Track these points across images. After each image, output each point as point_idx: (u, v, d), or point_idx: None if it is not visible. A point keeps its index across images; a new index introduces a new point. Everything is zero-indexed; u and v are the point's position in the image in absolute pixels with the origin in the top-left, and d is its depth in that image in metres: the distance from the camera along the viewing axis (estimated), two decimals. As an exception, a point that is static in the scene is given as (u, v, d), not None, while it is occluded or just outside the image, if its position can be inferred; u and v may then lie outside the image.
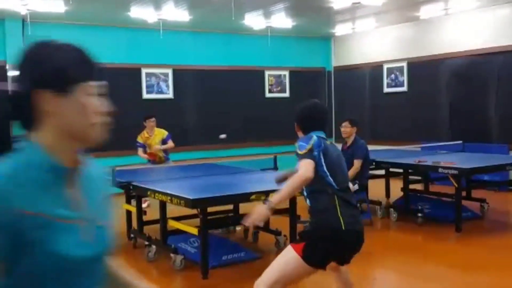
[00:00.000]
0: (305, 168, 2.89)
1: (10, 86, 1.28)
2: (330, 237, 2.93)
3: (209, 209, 4.87)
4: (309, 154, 2.97)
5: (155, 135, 8.07)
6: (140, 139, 8.08)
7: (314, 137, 3.08)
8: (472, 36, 9.20)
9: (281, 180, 3.54)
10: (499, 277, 4.66)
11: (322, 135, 3.21)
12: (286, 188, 2.93)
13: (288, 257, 2.95)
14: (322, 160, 3.04)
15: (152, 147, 7.97)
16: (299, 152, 3.02)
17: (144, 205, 7.80)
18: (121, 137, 9.65)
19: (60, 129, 1.20)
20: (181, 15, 8.60)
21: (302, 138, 3.16)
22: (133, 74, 9.82)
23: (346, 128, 6.72)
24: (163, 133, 8.13)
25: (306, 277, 2.84)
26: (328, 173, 3.04)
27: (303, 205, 5.56)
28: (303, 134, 3.26)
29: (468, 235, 5.98)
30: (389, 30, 10.74)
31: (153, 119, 8.21)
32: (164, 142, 8.07)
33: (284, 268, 2.96)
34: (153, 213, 5.62)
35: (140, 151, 8.07)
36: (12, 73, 8.84)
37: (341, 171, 3.16)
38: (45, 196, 1.14)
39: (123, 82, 9.74)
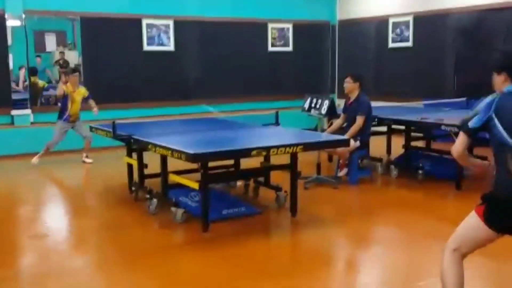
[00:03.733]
0: None
1: None
2: (502, 198, 2.63)
3: (210, 164, 4.86)
4: None
5: (78, 91, 7.98)
6: (66, 90, 7.86)
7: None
8: (481, -9, 8.96)
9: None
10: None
11: None
12: None
13: (470, 220, 2.82)
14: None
15: (74, 102, 7.88)
16: None
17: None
18: (122, 90, 9.64)
19: None
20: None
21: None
22: (134, 25, 9.64)
23: (348, 84, 6.64)
24: (84, 91, 8.09)
25: (489, 242, 2.75)
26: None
27: (303, 159, 5.57)
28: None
29: (468, 193, 5.99)
30: (396, -17, 10.46)
31: (77, 73, 8.14)
32: (85, 100, 8.05)
33: (467, 232, 2.84)
34: (154, 166, 5.62)
35: (60, 85, 7.90)
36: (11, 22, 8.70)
37: None
38: None
39: (123, 33, 9.59)
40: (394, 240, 4.78)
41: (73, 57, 12.68)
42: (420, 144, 7.48)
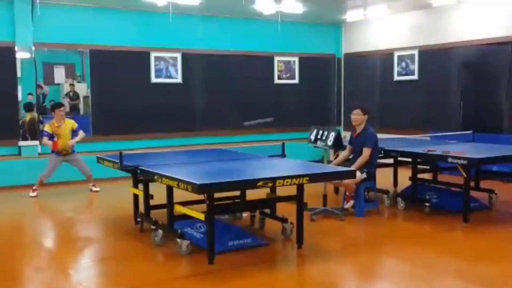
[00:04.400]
0: None
1: None
2: None
3: (216, 195, 4.85)
4: None
5: (65, 125, 7.99)
6: (48, 129, 7.89)
7: None
8: (484, 25, 9.07)
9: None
10: (507, 268, 4.63)
11: None
12: None
13: None
14: None
15: (61, 136, 7.90)
16: None
17: (32, 194, 7.86)
18: (129, 121, 9.72)
19: None
20: (191, -2, 8.53)
21: None
22: (142, 57, 9.79)
23: (357, 116, 6.65)
24: (73, 123, 8.08)
25: None
26: None
27: (309, 191, 5.56)
28: None
29: (476, 226, 5.94)
30: (401, 17, 10.61)
31: (63, 108, 8.15)
32: (74, 133, 8.03)
33: None
34: (160, 197, 5.62)
35: (45, 139, 7.90)
36: (21, 55, 8.85)
37: None
38: None
39: (131, 65, 9.72)
40: (401, 273, 4.71)
41: (82, 89, 12.84)
42: (427, 176, 7.46)
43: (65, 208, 7.57)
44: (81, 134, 8.09)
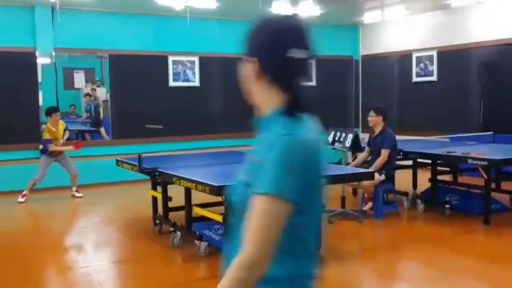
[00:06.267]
0: None
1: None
2: None
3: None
4: None
5: (59, 128, 8.16)
6: (48, 136, 8.00)
7: None
8: (504, 25, 8.95)
9: None
10: (529, 271, 4.56)
11: None
12: None
13: None
14: None
15: (58, 139, 8.07)
16: None
17: (21, 199, 7.88)
18: (148, 124, 9.78)
19: None
20: (208, 2, 8.58)
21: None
22: (160, 61, 9.86)
23: (371, 117, 6.65)
24: (63, 123, 8.26)
25: None
26: None
27: (327, 193, 5.53)
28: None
29: (497, 228, 5.87)
30: (419, 18, 10.53)
31: (59, 113, 8.28)
32: (64, 131, 8.27)
33: None
34: (178, 199, 5.66)
35: (51, 146, 7.99)
36: (42, 60, 9.00)
37: None
38: None
39: (150, 69, 9.81)
40: (420, 276, 4.67)
41: (102, 94, 12.98)
42: (447, 178, 7.38)
43: (84, 209, 7.66)
44: (67, 133, 8.38)
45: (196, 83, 10.22)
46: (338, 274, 4.57)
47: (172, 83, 10.01)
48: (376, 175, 6.05)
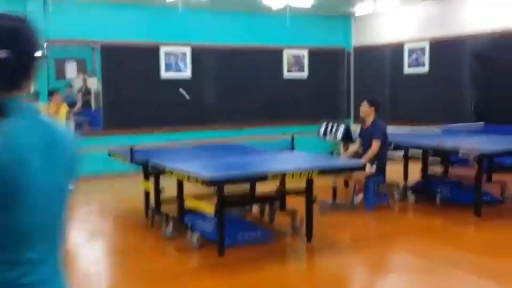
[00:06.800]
0: None
1: None
2: None
3: (226, 189, 4.87)
4: None
5: (61, 111, 8.14)
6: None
7: None
8: (497, 16, 8.98)
9: None
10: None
11: None
12: None
13: None
14: None
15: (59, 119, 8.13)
16: None
17: None
18: (140, 115, 9.77)
19: None
20: (200, -7, 8.52)
21: None
22: (152, 52, 9.81)
23: (363, 107, 6.69)
24: (67, 108, 8.30)
25: None
26: None
27: (319, 184, 5.56)
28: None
29: (488, 219, 5.91)
30: (411, 9, 10.53)
31: (59, 93, 8.28)
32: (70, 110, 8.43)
33: None
34: (170, 191, 5.66)
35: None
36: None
37: None
38: None
39: (142, 60, 9.76)
40: (412, 267, 4.71)
41: (93, 84, 12.91)
42: (438, 169, 7.42)
43: (76, 200, 7.65)
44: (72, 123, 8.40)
45: (188, 74, 10.19)
46: (329, 265, 4.60)
47: (164, 74, 9.97)
48: (368, 166, 6.08)
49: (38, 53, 1.39)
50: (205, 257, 4.77)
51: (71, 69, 13.46)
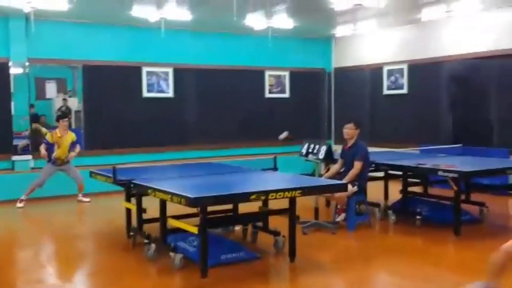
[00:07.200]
0: None
1: None
2: None
3: (209, 209, 4.88)
4: None
5: (67, 136, 8.23)
6: (49, 138, 8.16)
7: None
8: (474, 39, 9.22)
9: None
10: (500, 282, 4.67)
11: None
12: None
13: None
14: None
15: (61, 147, 8.15)
16: None
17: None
18: (121, 135, 9.74)
19: None
20: (182, 14, 8.61)
21: None
22: (134, 72, 9.84)
23: (350, 130, 6.72)
24: (73, 136, 8.34)
25: None
26: None
27: (301, 204, 5.59)
28: None
29: (467, 239, 6.00)
30: (390, 32, 10.76)
31: (67, 119, 8.44)
32: (73, 145, 8.29)
33: None
34: (152, 211, 5.63)
35: (42, 147, 8.11)
36: (15, 70, 8.88)
37: None
38: None
39: (124, 80, 9.77)
40: (392, 287, 4.75)
41: (74, 104, 12.84)
42: (418, 189, 7.52)
43: (57, 222, 7.55)
44: (78, 147, 8.35)
45: (170, 94, 10.22)
46: (313, 285, 4.61)
47: (146, 94, 9.99)
48: (349, 186, 6.14)
49: None
50: (187, 278, 4.75)
51: (51, 89, 13.39)
